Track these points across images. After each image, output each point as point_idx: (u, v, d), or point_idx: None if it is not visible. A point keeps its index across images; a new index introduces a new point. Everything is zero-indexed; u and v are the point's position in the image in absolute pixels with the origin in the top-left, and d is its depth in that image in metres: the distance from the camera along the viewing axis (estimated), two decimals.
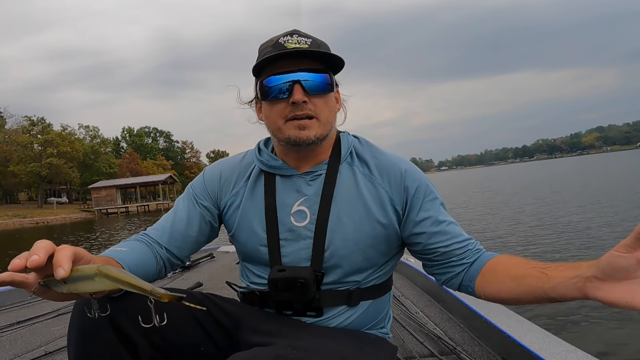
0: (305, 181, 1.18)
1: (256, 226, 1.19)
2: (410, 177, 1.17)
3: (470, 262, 1.11)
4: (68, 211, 55.17)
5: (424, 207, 1.15)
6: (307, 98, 1.09)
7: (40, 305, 3.16)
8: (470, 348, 1.80)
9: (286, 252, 1.16)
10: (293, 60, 1.10)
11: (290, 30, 1.15)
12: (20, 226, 41.35)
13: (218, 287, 3.18)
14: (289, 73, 1.09)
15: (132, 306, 0.97)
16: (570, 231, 8.07)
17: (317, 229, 1.14)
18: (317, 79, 1.11)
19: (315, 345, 0.96)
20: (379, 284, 1.22)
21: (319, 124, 1.12)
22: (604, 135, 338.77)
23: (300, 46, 1.09)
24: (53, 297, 0.82)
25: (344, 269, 1.15)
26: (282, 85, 1.10)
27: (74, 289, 0.77)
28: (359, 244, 1.14)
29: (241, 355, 0.87)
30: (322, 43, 1.16)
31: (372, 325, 1.23)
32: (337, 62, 1.14)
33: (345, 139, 1.24)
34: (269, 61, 1.10)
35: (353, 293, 1.16)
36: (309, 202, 1.16)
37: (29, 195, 68.04)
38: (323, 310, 1.15)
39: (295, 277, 1.09)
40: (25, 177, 54.62)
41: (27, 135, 58.42)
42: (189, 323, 1.09)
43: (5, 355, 2.13)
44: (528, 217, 10.60)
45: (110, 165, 70.87)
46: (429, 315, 2.25)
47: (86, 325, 0.97)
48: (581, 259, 1.13)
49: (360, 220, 1.14)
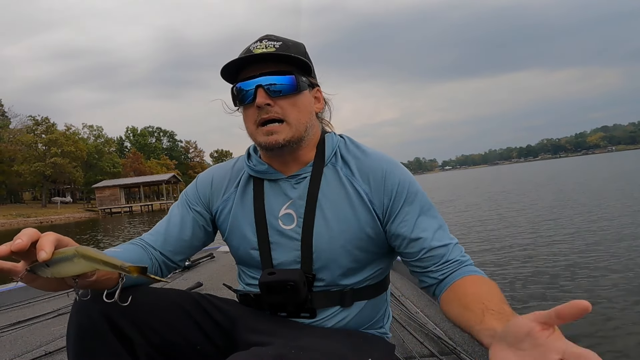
0: (291, 184, 1.19)
1: (247, 230, 1.20)
2: (390, 179, 1.15)
3: (444, 276, 1.07)
4: (72, 211, 55.48)
5: (403, 210, 1.13)
6: (270, 101, 1.11)
7: (40, 305, 3.17)
8: (470, 348, 1.78)
9: (277, 255, 1.17)
10: (258, 64, 1.12)
11: (262, 36, 1.17)
12: (24, 226, 40.97)
13: (218, 287, 3.17)
14: (253, 78, 1.11)
15: (129, 305, 0.96)
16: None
17: (304, 231, 1.14)
18: (280, 81, 1.11)
19: (314, 345, 0.95)
20: (374, 284, 1.21)
21: (289, 127, 1.12)
22: (609, 134, 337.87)
23: (267, 50, 1.11)
24: (40, 284, 0.87)
25: (332, 270, 1.14)
26: (248, 90, 1.12)
27: (57, 272, 0.80)
28: (345, 246, 1.13)
29: (241, 354, 0.86)
30: (294, 44, 1.16)
31: (370, 325, 1.23)
32: (304, 64, 1.14)
33: (330, 139, 1.23)
34: (239, 68, 1.14)
35: (346, 294, 1.16)
36: (295, 205, 1.17)
37: (33, 195, 68.53)
38: (316, 312, 1.16)
39: (285, 280, 1.10)
40: (30, 176, 54.99)
41: (31, 135, 58.89)
42: (187, 322, 1.10)
43: (5, 355, 2.13)
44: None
45: (114, 164, 71.35)
46: (429, 315, 2.23)
47: (84, 323, 0.98)
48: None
49: (345, 222, 1.14)
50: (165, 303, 1.09)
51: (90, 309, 0.98)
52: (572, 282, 4.63)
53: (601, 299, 3.97)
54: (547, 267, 5.32)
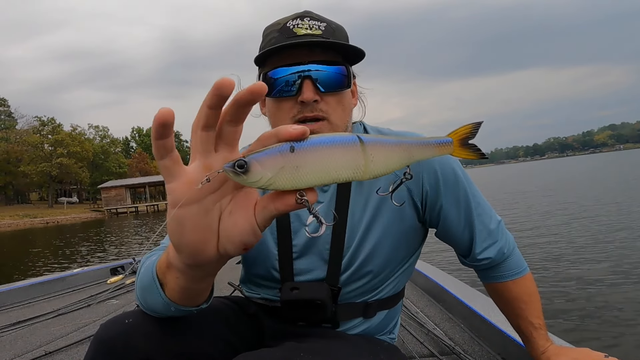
0: (319, 187, 1.05)
1: (267, 237, 1.07)
2: (426, 166, 1.02)
3: (485, 268, 1.11)
4: (78, 211, 55.84)
5: (445, 198, 1.04)
6: (318, 97, 0.93)
7: (40, 305, 3.19)
8: (470, 348, 1.78)
9: (299, 266, 1.05)
10: (303, 48, 0.93)
11: (301, 12, 0.99)
12: (30, 226, 41.90)
13: (218, 287, 3.11)
14: (298, 65, 0.93)
15: (149, 326, 0.85)
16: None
17: (333, 238, 1.02)
18: (331, 74, 0.94)
19: (326, 349, 0.87)
20: (396, 293, 1.14)
21: (329, 127, 0.95)
22: (617, 133, 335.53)
23: (313, 32, 0.94)
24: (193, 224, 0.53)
25: (361, 280, 1.04)
26: (289, 79, 0.93)
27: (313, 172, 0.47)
28: (383, 246, 1.03)
29: (247, 355, 0.81)
30: (337, 27, 0.99)
31: (384, 332, 1.16)
32: (356, 52, 0.97)
33: (356, 131, 1.09)
34: (274, 49, 0.94)
35: (371, 305, 1.07)
36: (324, 209, 1.03)
37: (40, 195, 68.88)
38: (339, 323, 1.07)
39: (311, 299, 1.00)
40: (36, 177, 55.43)
41: (37, 136, 59.31)
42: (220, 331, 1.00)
43: (5, 355, 2.14)
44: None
45: (119, 165, 71.74)
46: (429, 315, 2.23)
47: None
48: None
49: (381, 220, 1.02)
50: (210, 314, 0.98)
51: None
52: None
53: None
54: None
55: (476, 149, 0.57)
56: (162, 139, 0.47)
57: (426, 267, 2.93)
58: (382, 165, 0.49)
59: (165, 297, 0.72)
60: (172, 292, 0.70)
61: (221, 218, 0.52)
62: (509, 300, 1.12)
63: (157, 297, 0.73)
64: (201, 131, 0.47)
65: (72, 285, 3.79)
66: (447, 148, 0.55)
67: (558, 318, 3.75)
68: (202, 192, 0.50)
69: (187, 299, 0.71)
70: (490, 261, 1.09)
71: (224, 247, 0.53)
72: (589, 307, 3.95)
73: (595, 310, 3.86)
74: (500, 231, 1.10)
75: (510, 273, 1.10)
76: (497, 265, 1.11)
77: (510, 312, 1.14)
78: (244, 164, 0.45)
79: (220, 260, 0.55)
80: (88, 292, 3.48)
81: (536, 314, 1.10)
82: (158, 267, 0.72)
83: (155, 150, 0.48)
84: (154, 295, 0.74)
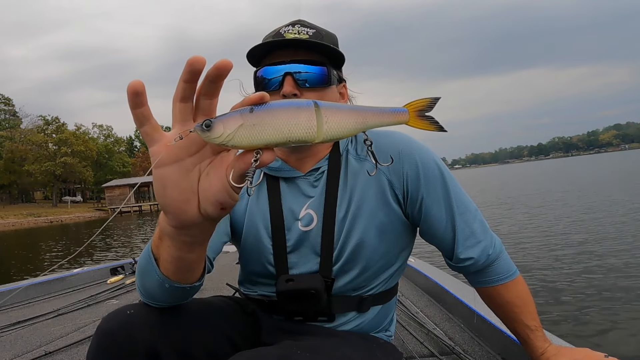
0: (310, 182, 1.10)
1: (262, 233, 1.11)
2: (407, 159, 1.06)
3: (472, 271, 1.12)
4: (82, 210, 56.05)
5: (426, 191, 1.06)
6: (297, 91, 1.02)
7: (40, 305, 3.19)
8: (470, 348, 1.78)
9: (293, 260, 1.09)
10: (289, 50, 1.04)
11: (294, 20, 1.09)
12: (34, 225, 42.08)
13: (218, 287, 3.16)
14: (282, 64, 1.02)
15: (151, 317, 0.90)
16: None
17: (324, 231, 1.06)
18: (310, 72, 1.03)
19: (323, 347, 0.90)
20: (389, 289, 1.16)
21: None
22: (622, 132, 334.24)
23: (300, 36, 1.03)
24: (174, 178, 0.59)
25: (353, 271, 1.07)
26: (274, 76, 1.03)
27: (266, 132, 0.53)
28: (370, 237, 1.06)
29: (245, 354, 0.83)
30: (327, 34, 1.09)
31: (380, 329, 1.18)
32: (336, 54, 1.06)
33: None
34: (265, 52, 1.05)
35: (365, 299, 1.10)
36: (315, 204, 1.08)
37: (44, 194, 69.17)
38: (335, 316, 1.10)
39: (306, 289, 1.03)
40: (41, 176, 55.64)
41: (41, 135, 59.64)
42: (220, 329, 1.03)
43: (5, 355, 2.14)
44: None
45: (123, 164, 72.03)
46: (429, 315, 2.23)
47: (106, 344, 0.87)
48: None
49: (369, 212, 1.06)
50: (208, 312, 1.02)
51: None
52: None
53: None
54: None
55: (433, 121, 0.62)
56: (138, 107, 0.54)
57: (426, 267, 2.93)
58: (336, 128, 0.55)
59: (160, 272, 0.78)
60: (166, 264, 0.76)
61: (200, 179, 0.59)
62: (502, 305, 1.13)
63: (153, 274, 0.79)
64: (179, 103, 0.55)
65: (72, 285, 3.80)
66: (402, 116, 0.60)
67: (558, 318, 3.74)
68: (179, 153, 0.57)
69: (179, 272, 0.77)
70: (473, 261, 1.08)
71: (204, 207, 0.60)
72: (589, 307, 3.94)
73: (595, 310, 3.86)
74: (483, 231, 1.10)
75: (499, 277, 1.11)
76: (485, 270, 1.11)
77: (505, 316, 1.15)
78: (210, 124, 0.52)
79: (205, 224, 0.63)
80: (88, 292, 3.48)
81: (531, 316, 1.11)
82: (153, 242, 0.78)
83: (135, 118, 0.55)
84: (150, 274, 0.80)
